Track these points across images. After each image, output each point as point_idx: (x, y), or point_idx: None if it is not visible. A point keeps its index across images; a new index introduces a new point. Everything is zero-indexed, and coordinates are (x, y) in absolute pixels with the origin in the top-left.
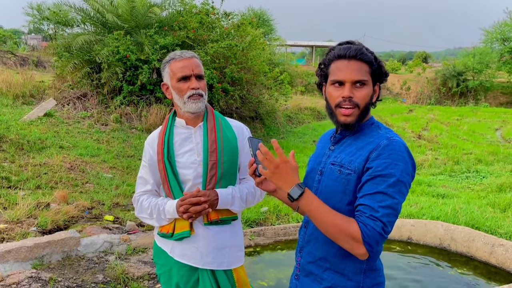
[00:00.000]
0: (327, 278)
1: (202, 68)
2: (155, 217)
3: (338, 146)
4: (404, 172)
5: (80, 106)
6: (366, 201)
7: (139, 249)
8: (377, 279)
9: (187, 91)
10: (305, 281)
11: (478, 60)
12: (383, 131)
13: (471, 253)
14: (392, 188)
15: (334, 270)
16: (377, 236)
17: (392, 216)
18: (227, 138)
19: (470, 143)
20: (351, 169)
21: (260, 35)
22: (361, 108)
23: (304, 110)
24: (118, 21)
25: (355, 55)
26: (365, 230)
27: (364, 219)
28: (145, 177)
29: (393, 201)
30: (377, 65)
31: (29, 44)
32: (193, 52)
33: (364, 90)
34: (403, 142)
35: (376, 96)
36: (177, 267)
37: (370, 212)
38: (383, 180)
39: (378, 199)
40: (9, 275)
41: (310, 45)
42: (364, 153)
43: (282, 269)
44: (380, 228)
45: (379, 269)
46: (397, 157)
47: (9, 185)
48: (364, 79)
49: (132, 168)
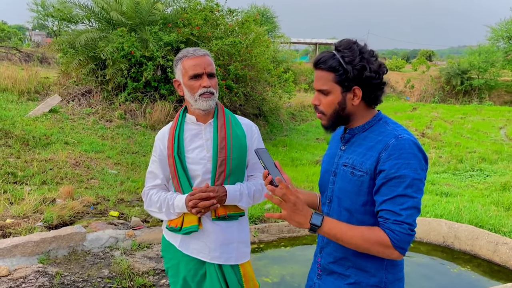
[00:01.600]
0: (351, 275)
1: (214, 66)
2: (164, 211)
3: (349, 145)
4: (418, 169)
5: (84, 102)
6: (387, 206)
7: (144, 245)
8: (398, 275)
9: (199, 89)
10: (328, 279)
11: (484, 59)
12: (391, 127)
13: (474, 251)
14: (410, 189)
15: (357, 267)
16: (406, 238)
17: (415, 215)
18: (236, 135)
19: (474, 142)
20: (364, 170)
21: (264, 33)
22: (328, 115)
23: (308, 107)
24: (122, 18)
25: (315, 64)
26: (394, 236)
27: (390, 225)
28: (155, 171)
29: (414, 201)
30: (345, 69)
31: (34, 40)
32: (206, 50)
33: (327, 98)
34: (412, 138)
35: (358, 99)
36: (185, 261)
37: (394, 218)
38: (399, 182)
39: (399, 202)
40: (16, 270)
41: (313, 43)
42: (374, 153)
43: (286, 266)
44: (407, 230)
45: (400, 264)
46: (408, 155)
47: (15, 180)
48: (323, 88)
49: (136, 165)
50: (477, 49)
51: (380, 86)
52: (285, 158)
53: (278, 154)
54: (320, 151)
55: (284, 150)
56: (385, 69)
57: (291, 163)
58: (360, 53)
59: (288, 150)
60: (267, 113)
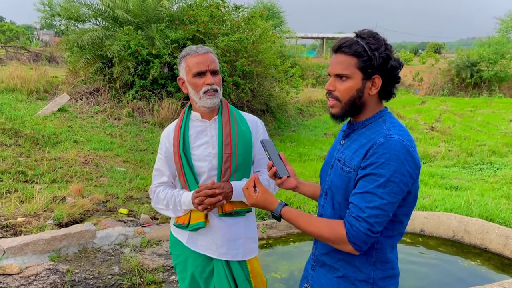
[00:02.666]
0: (340, 268)
1: (218, 63)
2: (171, 208)
3: (347, 140)
4: (397, 172)
5: (93, 100)
6: (355, 200)
7: (153, 242)
8: (389, 272)
9: (203, 86)
10: (320, 271)
11: (493, 50)
12: (387, 127)
13: (485, 245)
14: (382, 189)
15: (346, 261)
16: (362, 237)
17: (381, 217)
18: (241, 131)
19: (484, 135)
20: (351, 167)
21: (270, 28)
22: (343, 102)
23: (315, 102)
24: (128, 16)
25: (338, 47)
26: (350, 231)
27: (351, 219)
28: (161, 169)
29: (381, 202)
30: (370, 57)
31: (42, 40)
32: (209, 47)
33: (345, 83)
34: (403, 140)
35: (376, 89)
36: (193, 257)
37: (357, 213)
38: (373, 179)
39: (367, 199)
40: (27, 267)
41: (320, 37)
42: (363, 151)
43: (294, 262)
44: (366, 229)
45: (391, 262)
46: (390, 156)
47: (26, 179)
48: (343, 72)
49: (145, 162)
50: (487, 40)
51: (398, 79)
52: (293, 153)
53: (286, 150)
54: (328, 146)
55: (292, 145)
56: (403, 63)
57: (299, 159)
58: (385, 43)
59: (296, 146)
60: (274, 109)
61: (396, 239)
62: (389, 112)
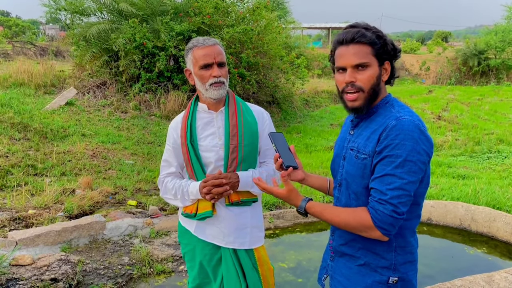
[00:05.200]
0: (360, 256)
1: (224, 55)
2: (179, 197)
3: (357, 129)
4: (413, 151)
5: (100, 94)
6: (375, 184)
7: (162, 233)
8: (408, 257)
9: (209, 78)
10: (340, 261)
11: (501, 38)
12: (396, 110)
13: (492, 233)
14: (401, 169)
15: (367, 249)
16: (389, 219)
17: (404, 197)
18: (247, 122)
19: (491, 123)
20: (366, 153)
21: (275, 19)
22: (366, 91)
23: (321, 93)
24: (133, 9)
25: (352, 38)
26: (375, 215)
27: (374, 204)
28: (169, 159)
29: (401, 182)
30: (382, 43)
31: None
32: (216, 39)
33: (366, 72)
34: (414, 120)
35: (387, 75)
36: (201, 246)
37: (379, 196)
38: (390, 161)
39: (387, 182)
40: (39, 258)
41: (326, 27)
42: (376, 136)
43: (301, 251)
44: (390, 211)
45: (411, 246)
46: (404, 137)
47: (35, 172)
48: (363, 61)
49: (152, 155)
50: (494, 28)
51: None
52: (299, 144)
53: (292, 141)
54: (334, 136)
55: (298, 136)
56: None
57: (305, 150)
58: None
59: (302, 137)
60: (280, 100)
61: (414, 222)
62: (394, 97)
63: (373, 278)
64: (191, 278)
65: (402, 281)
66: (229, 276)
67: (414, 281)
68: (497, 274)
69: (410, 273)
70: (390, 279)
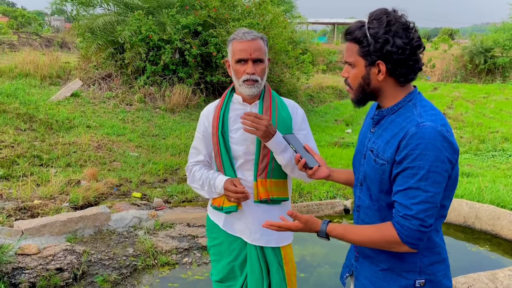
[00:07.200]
0: (383, 261)
1: (263, 51)
2: (206, 189)
3: (377, 128)
4: (436, 161)
5: (105, 86)
6: (399, 198)
7: (166, 225)
8: (435, 257)
9: (243, 74)
10: (364, 263)
11: (508, 36)
12: (417, 112)
13: (496, 231)
14: (425, 182)
15: (389, 253)
16: (416, 234)
17: (430, 210)
18: (282, 118)
19: (496, 122)
20: (385, 159)
21: (281, 13)
22: (354, 89)
23: (326, 89)
24: (139, 2)
25: (344, 35)
26: (402, 231)
27: (399, 219)
28: (199, 147)
29: (426, 195)
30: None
31: (53, 26)
32: (258, 33)
33: (353, 71)
34: (436, 126)
35: (382, 75)
36: (229, 241)
37: (404, 211)
38: (412, 173)
39: (411, 195)
40: (45, 248)
41: (331, 23)
42: (396, 142)
43: (306, 246)
44: (418, 226)
45: (438, 246)
46: (426, 146)
47: (41, 163)
48: (349, 60)
49: (157, 147)
50: (501, 26)
51: (406, 63)
52: None
53: None
54: (338, 132)
55: None
56: (416, 44)
57: None
58: (388, 25)
59: None
60: (285, 95)
61: (439, 222)
62: (419, 93)
63: (398, 283)
64: (216, 271)
65: (430, 283)
66: (253, 272)
67: (444, 281)
68: (501, 271)
69: (439, 274)
70: (416, 282)
